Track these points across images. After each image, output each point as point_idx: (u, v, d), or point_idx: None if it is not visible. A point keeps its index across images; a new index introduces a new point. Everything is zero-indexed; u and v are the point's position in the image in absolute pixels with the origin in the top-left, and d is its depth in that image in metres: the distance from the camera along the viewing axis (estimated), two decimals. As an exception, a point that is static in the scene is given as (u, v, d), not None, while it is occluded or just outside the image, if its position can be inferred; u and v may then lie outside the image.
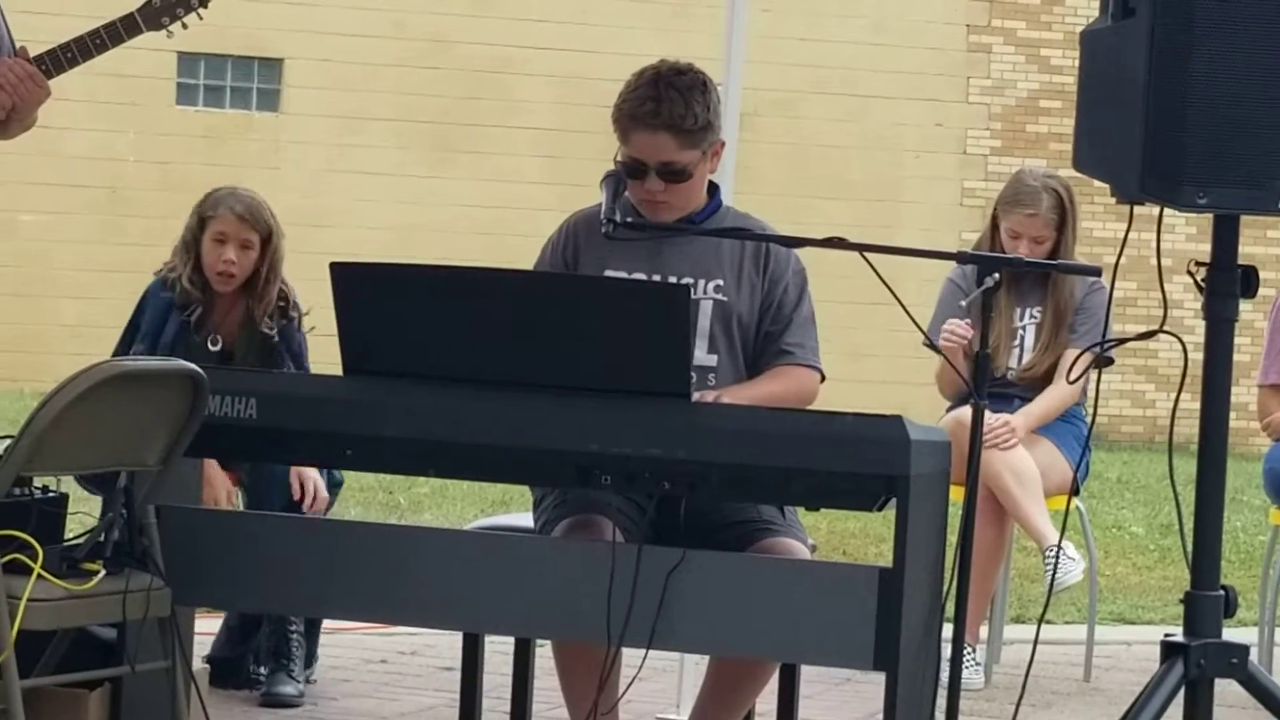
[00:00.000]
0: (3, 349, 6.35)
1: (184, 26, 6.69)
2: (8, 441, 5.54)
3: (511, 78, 24.62)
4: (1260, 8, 4.76)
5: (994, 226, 8.83)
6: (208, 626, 7.64)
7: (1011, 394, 8.62)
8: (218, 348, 7.85)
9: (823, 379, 6.34)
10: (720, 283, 6.27)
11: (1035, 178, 8.96)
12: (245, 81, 23.44)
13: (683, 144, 6.21)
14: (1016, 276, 8.47)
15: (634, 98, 6.24)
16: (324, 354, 6.30)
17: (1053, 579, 8.28)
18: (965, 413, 7.08)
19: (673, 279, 6.16)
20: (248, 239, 7.91)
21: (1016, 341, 8.74)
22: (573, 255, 6.34)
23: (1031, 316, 8.76)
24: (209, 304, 7.90)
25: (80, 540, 5.74)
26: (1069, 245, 8.85)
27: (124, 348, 7.79)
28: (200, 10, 6.58)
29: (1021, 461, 8.54)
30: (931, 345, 7.11)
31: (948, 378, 8.42)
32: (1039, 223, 8.73)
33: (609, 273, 6.23)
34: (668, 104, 6.20)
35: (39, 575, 5.49)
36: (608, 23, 24.30)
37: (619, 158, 6.29)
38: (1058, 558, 8.33)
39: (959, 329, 8.30)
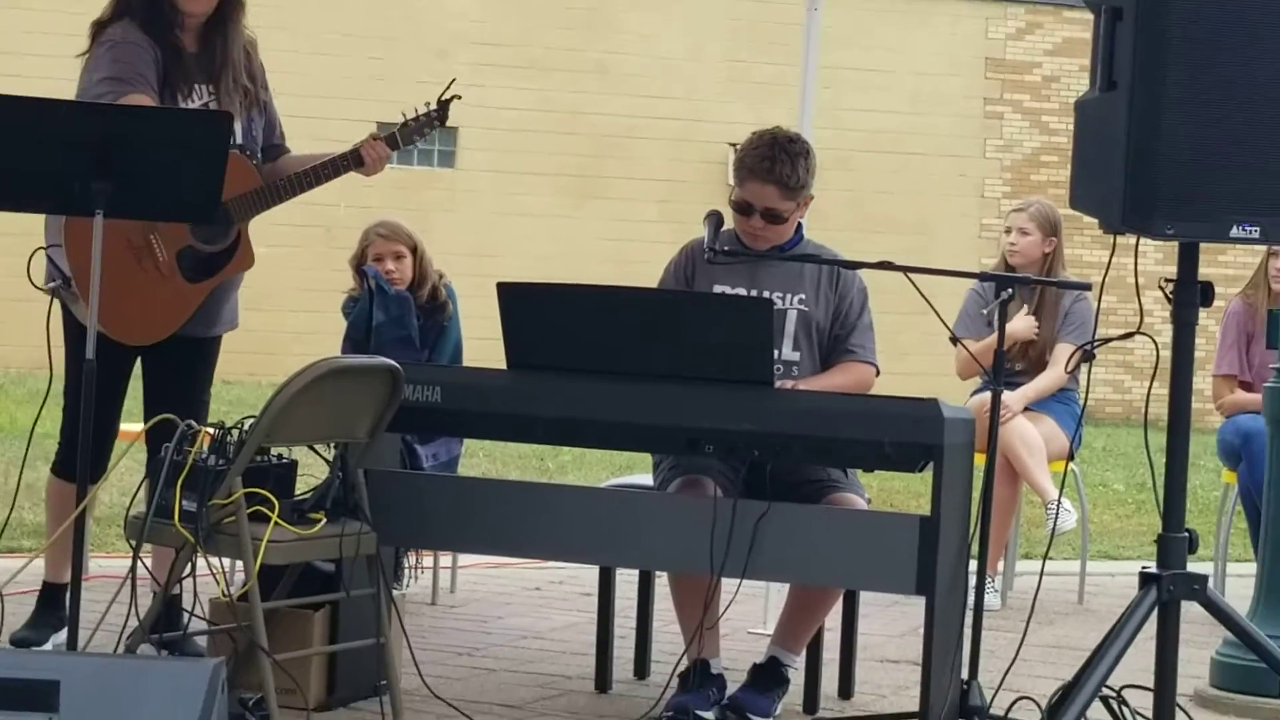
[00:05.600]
0: (246, 350, 6.41)
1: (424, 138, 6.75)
2: (251, 420, 5.57)
3: (633, 141, 24.62)
4: (1217, 84, 4.74)
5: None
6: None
7: (1017, 382, 8.60)
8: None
9: (878, 373, 6.34)
10: (803, 296, 6.26)
11: (1033, 202, 9.02)
12: (430, 145, 23.48)
13: (785, 196, 6.20)
14: (1025, 289, 8.44)
15: (754, 154, 6.22)
16: (490, 355, 6.32)
17: (1054, 525, 8.26)
18: (985, 396, 7.06)
19: (766, 294, 6.15)
20: (399, 250, 7.90)
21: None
22: (690, 274, 6.33)
23: (1034, 319, 8.73)
24: None
25: (307, 496, 5.76)
26: (1061, 264, 8.83)
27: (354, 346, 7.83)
28: (440, 124, 6.61)
29: (1030, 434, 8.51)
30: (955, 339, 7.09)
31: (963, 365, 8.39)
32: (1023, 217, 8.77)
33: (717, 288, 6.22)
34: (780, 164, 6.18)
35: (275, 523, 5.51)
36: (708, 98, 24.28)
37: (733, 196, 6.29)
38: (1058, 509, 8.31)
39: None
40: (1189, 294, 5.00)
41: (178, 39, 6.33)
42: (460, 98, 6.56)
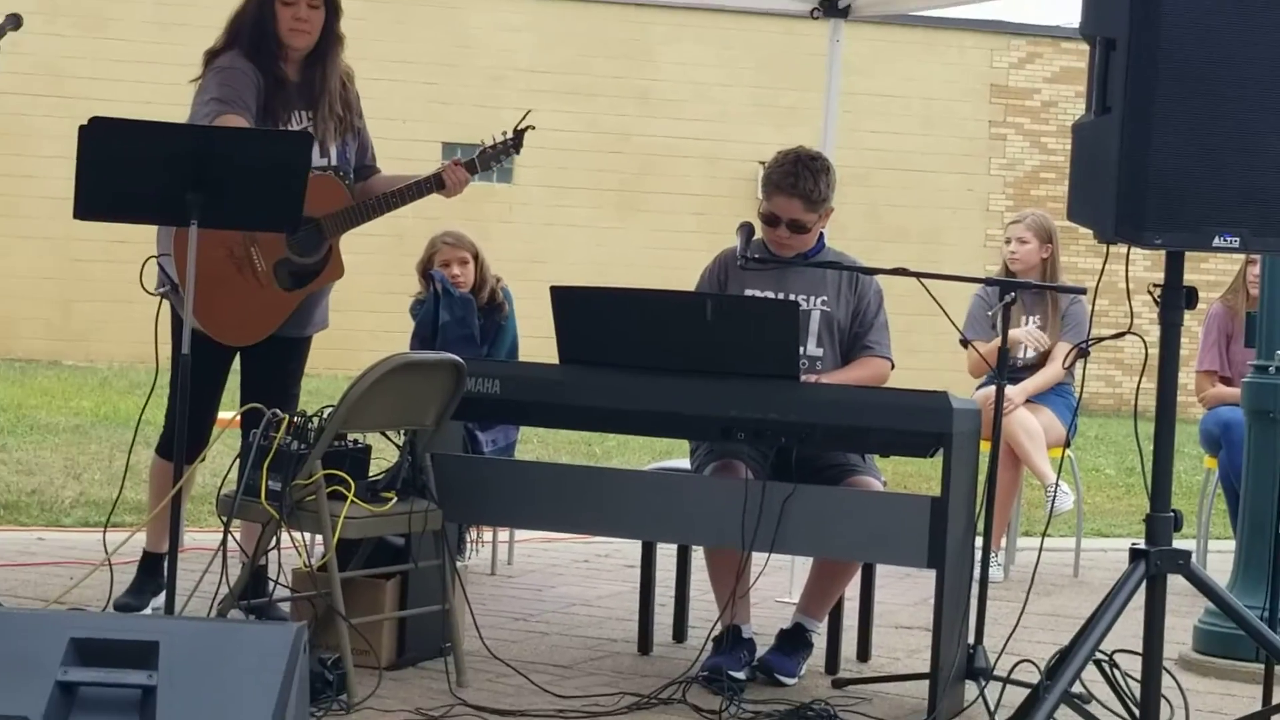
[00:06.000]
0: (323, 346, 6.42)
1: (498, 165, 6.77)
2: (330, 409, 5.59)
3: (671, 159, 24.60)
4: (1202, 110, 4.73)
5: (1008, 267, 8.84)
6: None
7: (1020, 377, 8.59)
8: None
9: (893, 366, 6.34)
10: (825, 299, 6.26)
11: (1031, 214, 8.99)
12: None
13: (808, 209, 6.20)
14: (1025, 294, 8.44)
15: (780, 170, 6.23)
16: (542, 351, 6.34)
17: (1052, 506, 8.25)
18: (990, 390, 7.05)
19: (792, 297, 6.14)
20: (463, 257, 7.94)
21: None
22: (724, 279, 6.33)
23: (1035, 321, 8.72)
24: None
25: (379, 477, 5.78)
26: (1058, 269, 8.82)
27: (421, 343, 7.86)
28: (516, 152, 6.60)
29: (1030, 424, 8.50)
30: (965, 342, 7.08)
31: (974, 364, 8.37)
32: (1020, 228, 8.75)
33: (748, 291, 6.22)
34: (803, 180, 6.19)
35: (351, 501, 5.54)
36: (739, 121, 24.28)
37: (761, 209, 6.29)
38: (1055, 491, 8.30)
39: (1036, 333, 8.62)
40: (1175, 298, 4.99)
41: (280, 69, 6.36)
42: (534, 128, 6.55)
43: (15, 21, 5.95)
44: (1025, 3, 33.83)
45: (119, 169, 5.57)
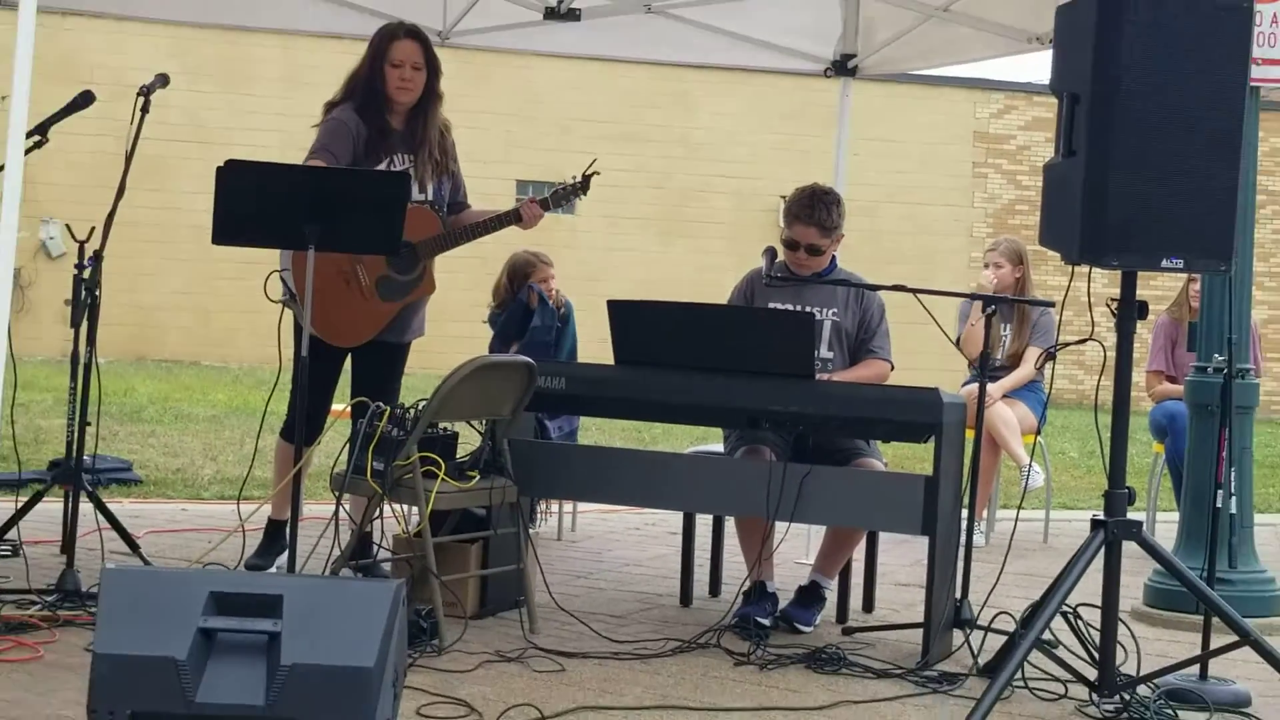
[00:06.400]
0: (420, 350, 6.43)
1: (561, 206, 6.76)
2: (424, 402, 5.59)
3: (707, 194, 24.62)
4: (1152, 154, 4.71)
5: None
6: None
7: (998, 376, 8.56)
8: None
9: (892, 367, 6.32)
10: (836, 310, 6.24)
11: (1005, 240, 8.95)
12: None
13: (822, 235, 6.20)
14: (1002, 307, 8.41)
15: (799, 203, 6.23)
16: (598, 353, 6.35)
17: (1025, 483, 8.20)
18: (973, 387, 7.03)
19: (808, 309, 6.13)
20: (554, 274, 8.00)
21: (1002, 342, 8.68)
22: (751, 294, 6.32)
23: (1010, 329, 8.69)
24: None
25: (465, 459, 5.79)
26: (1029, 286, 8.80)
27: (504, 342, 7.89)
28: (584, 194, 6.59)
29: (1007, 415, 8.47)
30: (957, 345, 7.05)
31: (969, 351, 8.31)
32: (998, 255, 8.70)
33: (771, 305, 6.21)
34: (818, 210, 6.19)
35: (442, 478, 5.55)
36: (764, 162, 24.27)
37: (782, 235, 6.28)
38: (1028, 471, 8.27)
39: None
40: (1129, 310, 4.97)
41: (386, 120, 6.37)
42: (599, 174, 6.56)
43: (164, 80, 5.99)
44: (1003, 63, 33.64)
45: (249, 203, 5.60)
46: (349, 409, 5.89)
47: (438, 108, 6.45)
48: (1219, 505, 5.79)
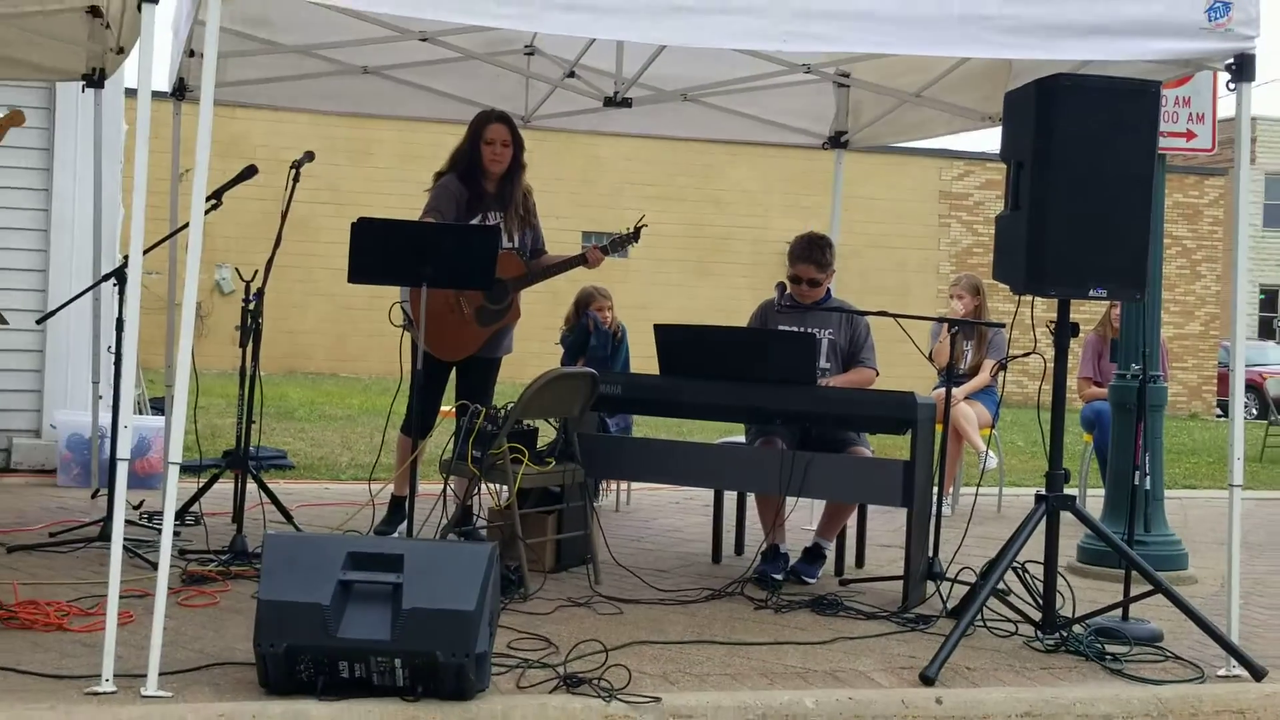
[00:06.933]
0: (508, 364, 6.46)
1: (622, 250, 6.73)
2: (511, 405, 5.61)
3: (731, 242, 24.62)
4: (1082, 208, 4.69)
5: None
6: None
7: (961, 382, 8.53)
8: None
9: (877, 374, 6.29)
10: (831, 331, 6.21)
11: (964, 276, 8.91)
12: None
13: (819, 270, 6.17)
14: (964, 328, 8.38)
15: (799, 246, 6.19)
16: (646, 367, 6.35)
17: (983, 466, 8.17)
18: (941, 391, 7.01)
19: (811, 331, 6.11)
20: (609, 304, 7.99)
21: (964, 356, 8.65)
22: (764, 319, 6.28)
23: (970, 346, 8.66)
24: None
25: (544, 448, 5.79)
26: (985, 312, 8.76)
27: (571, 358, 7.88)
28: (635, 241, 6.55)
29: (968, 413, 8.40)
30: (929, 358, 7.01)
31: (938, 363, 8.25)
32: (960, 288, 8.67)
33: (781, 327, 6.17)
34: (815, 251, 6.16)
35: (526, 464, 5.56)
36: (775, 216, 24.26)
37: (788, 272, 6.27)
38: (985, 457, 8.22)
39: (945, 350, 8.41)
40: (1064, 330, 4.94)
41: (482, 185, 6.39)
42: (647, 225, 6.57)
43: (309, 156, 6.03)
44: (963, 137, 33.56)
45: (376, 250, 5.63)
46: (454, 410, 5.91)
47: (522, 175, 6.47)
48: (1136, 483, 5.75)
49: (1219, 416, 26.19)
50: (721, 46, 5.09)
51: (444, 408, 6.54)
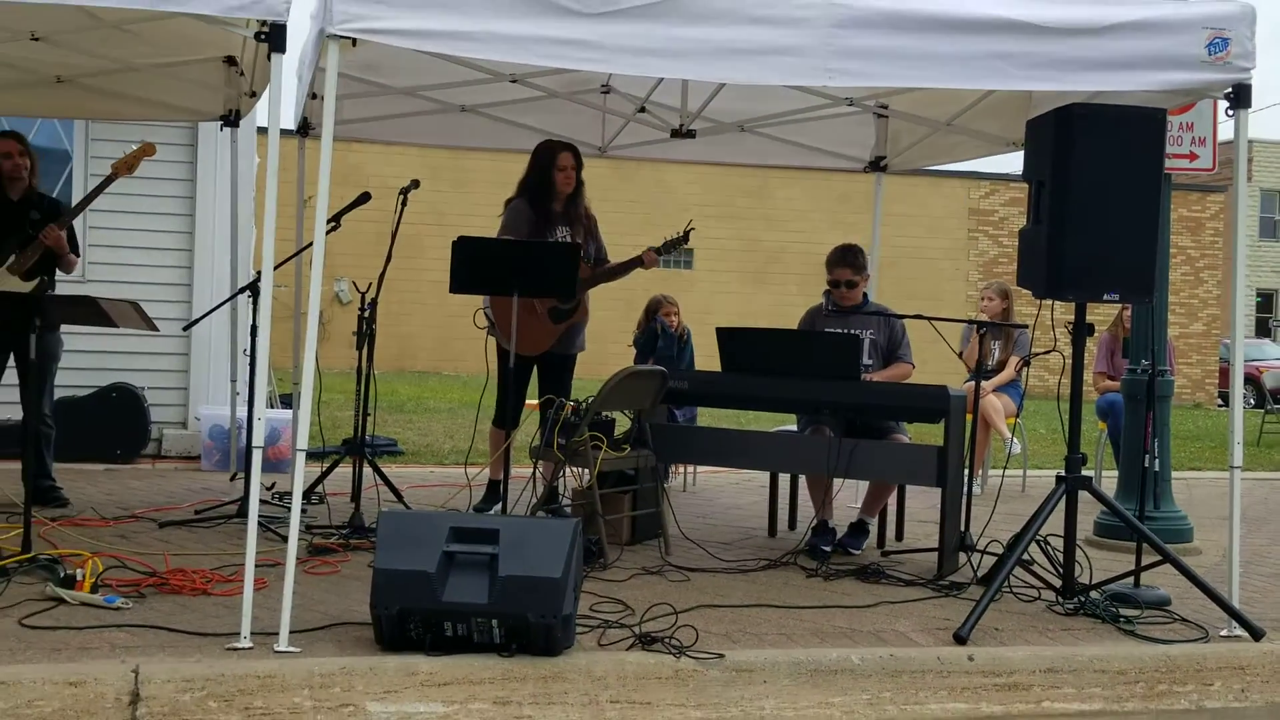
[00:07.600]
0: (586, 363, 6.48)
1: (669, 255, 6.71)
2: (591, 398, 5.62)
3: (784, 255, 24.51)
4: (1096, 221, 4.64)
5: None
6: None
7: (989, 376, 8.44)
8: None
9: (914, 368, 6.24)
10: (872, 331, 6.16)
11: (995, 283, 8.82)
12: (679, 257, 23.57)
13: (854, 273, 6.12)
14: (991, 329, 8.30)
15: (835, 253, 6.16)
16: (711, 364, 6.34)
17: (1009, 452, 8.09)
18: (971, 384, 6.93)
19: (854, 332, 6.07)
20: (675, 310, 7.98)
21: (992, 353, 8.56)
22: (813, 322, 6.25)
23: (997, 345, 8.57)
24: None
25: (620, 436, 5.80)
26: (1012, 314, 8.67)
27: (643, 358, 7.89)
28: (685, 243, 6.50)
29: (995, 403, 8.32)
30: (960, 356, 6.94)
31: (969, 360, 8.17)
32: (991, 291, 8.58)
33: (828, 329, 6.14)
34: (849, 255, 6.12)
35: (604, 450, 5.57)
36: (822, 232, 24.11)
37: (828, 279, 6.23)
38: (1010, 443, 8.14)
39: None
40: (1081, 330, 4.89)
41: (550, 206, 6.42)
42: (695, 229, 6.56)
43: (415, 184, 6.08)
44: (989, 160, 33.20)
45: (473, 263, 5.67)
46: (539, 403, 5.93)
47: (583, 194, 6.50)
48: (1146, 465, 5.68)
49: (1220, 406, 25.74)
50: (773, 84, 5.10)
51: (531, 401, 6.56)
